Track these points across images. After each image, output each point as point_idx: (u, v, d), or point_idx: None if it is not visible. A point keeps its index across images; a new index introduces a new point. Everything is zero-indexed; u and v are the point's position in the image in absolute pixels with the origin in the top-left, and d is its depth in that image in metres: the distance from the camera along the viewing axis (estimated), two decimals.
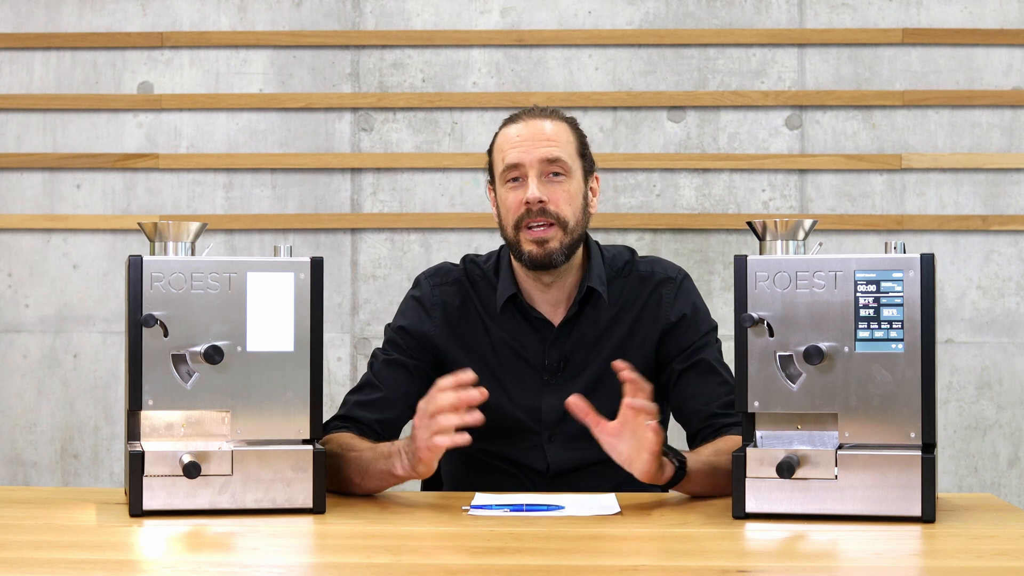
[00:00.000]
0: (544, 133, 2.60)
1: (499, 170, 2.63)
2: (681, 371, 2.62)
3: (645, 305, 2.66)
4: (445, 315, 2.67)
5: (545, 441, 2.65)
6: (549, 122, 2.62)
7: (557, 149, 2.59)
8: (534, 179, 2.57)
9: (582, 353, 2.65)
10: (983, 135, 3.95)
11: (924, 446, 2.21)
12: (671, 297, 2.66)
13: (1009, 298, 3.94)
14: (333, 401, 3.96)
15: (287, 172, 4.02)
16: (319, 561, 2.03)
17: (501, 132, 2.65)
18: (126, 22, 4.04)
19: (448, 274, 2.72)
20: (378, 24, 4.02)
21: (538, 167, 2.58)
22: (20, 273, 4.04)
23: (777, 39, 3.97)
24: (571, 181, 2.60)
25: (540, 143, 2.59)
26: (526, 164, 2.58)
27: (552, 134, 2.61)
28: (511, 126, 2.64)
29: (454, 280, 2.71)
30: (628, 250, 2.73)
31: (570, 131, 2.64)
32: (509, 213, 2.60)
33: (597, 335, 2.65)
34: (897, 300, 2.22)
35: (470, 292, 2.69)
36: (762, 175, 3.97)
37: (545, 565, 1.93)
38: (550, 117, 2.64)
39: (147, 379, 2.26)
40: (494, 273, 2.70)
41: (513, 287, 2.66)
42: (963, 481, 3.93)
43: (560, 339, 2.65)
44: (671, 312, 2.65)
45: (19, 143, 4.05)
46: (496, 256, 2.73)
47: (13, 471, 4.03)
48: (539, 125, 2.61)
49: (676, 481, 2.36)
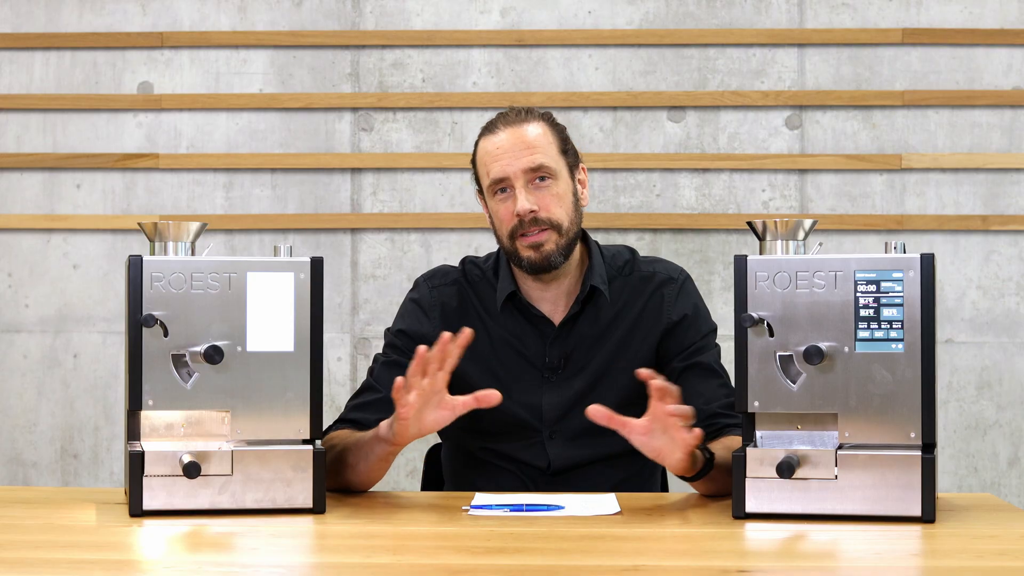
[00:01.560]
0: (525, 140, 2.59)
1: (485, 183, 2.63)
2: (681, 370, 2.63)
3: (647, 304, 2.67)
4: (444, 316, 2.68)
5: (546, 438, 2.66)
6: (526, 126, 2.61)
7: (539, 155, 2.59)
8: (521, 190, 2.58)
9: (583, 351, 2.66)
10: (983, 135, 3.95)
11: (924, 446, 2.21)
12: (673, 297, 2.67)
13: (1009, 298, 3.94)
14: (333, 401, 3.96)
15: (287, 172, 4.02)
16: (319, 561, 2.03)
17: (480, 144, 2.64)
18: (126, 22, 4.04)
19: (446, 276, 2.73)
20: (378, 24, 4.02)
21: (523, 177, 2.58)
22: (20, 273, 4.04)
23: (777, 39, 3.97)
24: (558, 183, 2.61)
25: (522, 152, 2.58)
26: (511, 176, 2.59)
27: (532, 140, 2.59)
28: (490, 137, 2.62)
29: (452, 281, 2.71)
30: (629, 250, 2.74)
31: (549, 131, 2.63)
32: (503, 224, 2.62)
33: (598, 333, 2.66)
34: (897, 300, 2.22)
35: (469, 292, 2.70)
36: (762, 175, 3.97)
37: (545, 565, 1.93)
38: (526, 120, 2.62)
39: (147, 379, 2.26)
40: (493, 273, 2.71)
41: (512, 285, 2.67)
42: (963, 481, 3.93)
43: (561, 337, 2.66)
44: (673, 312, 2.66)
45: (19, 143, 4.04)
46: (496, 256, 2.73)
47: (13, 471, 4.03)
48: (518, 133, 2.60)
49: (704, 473, 2.36)
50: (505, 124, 2.62)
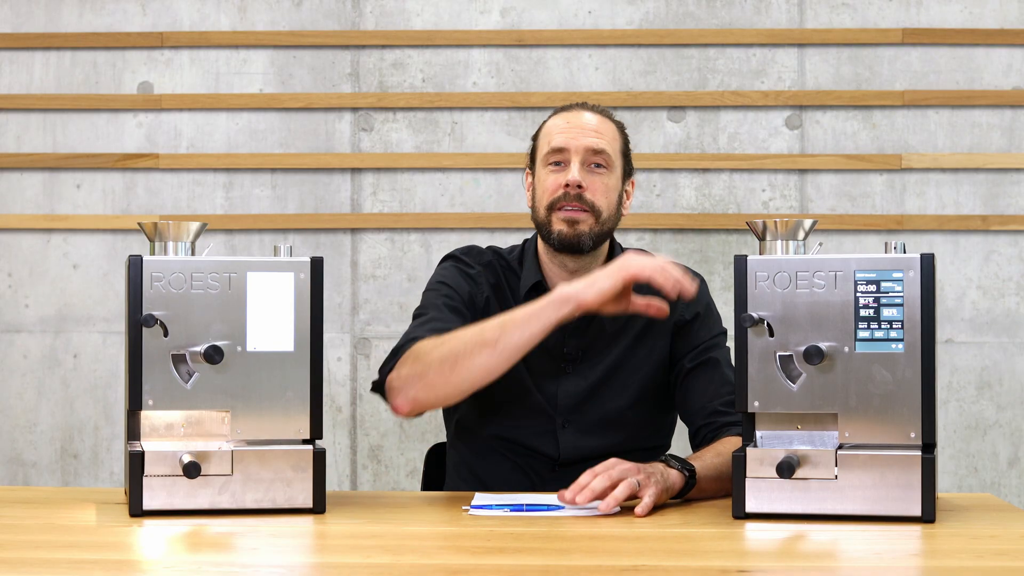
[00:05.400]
0: (593, 125, 2.67)
1: (543, 152, 2.69)
2: (690, 368, 2.67)
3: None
4: (482, 285, 2.71)
5: (559, 428, 2.68)
6: (600, 117, 2.70)
7: (603, 142, 2.66)
8: (576, 164, 2.64)
9: (601, 344, 2.70)
10: (983, 135, 3.95)
11: (924, 446, 2.21)
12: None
13: (1009, 298, 3.94)
14: (333, 401, 3.96)
15: (287, 172, 4.02)
16: (319, 561, 2.03)
17: (551, 119, 2.73)
18: (126, 22, 4.04)
19: (481, 255, 2.78)
20: (378, 24, 4.02)
21: (582, 154, 2.65)
22: (20, 273, 4.04)
23: (777, 39, 3.97)
24: (611, 175, 2.67)
25: (588, 132, 2.66)
26: (571, 149, 2.65)
27: (600, 127, 2.68)
28: (562, 114, 2.72)
29: (487, 262, 2.76)
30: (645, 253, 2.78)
31: (617, 131, 2.72)
32: (546, 194, 2.66)
33: (617, 328, 2.70)
34: (897, 300, 2.22)
35: (500, 274, 2.74)
36: (762, 175, 3.97)
37: (545, 565, 1.93)
38: (602, 114, 2.72)
39: (147, 379, 2.26)
40: (518, 263, 2.76)
41: (538, 275, 2.71)
42: (963, 481, 3.93)
43: (581, 328, 2.69)
44: (687, 310, 2.70)
45: (19, 143, 4.04)
46: (520, 248, 2.79)
47: (13, 471, 4.03)
48: (589, 117, 2.69)
49: (687, 490, 2.38)
50: (581, 108, 2.72)
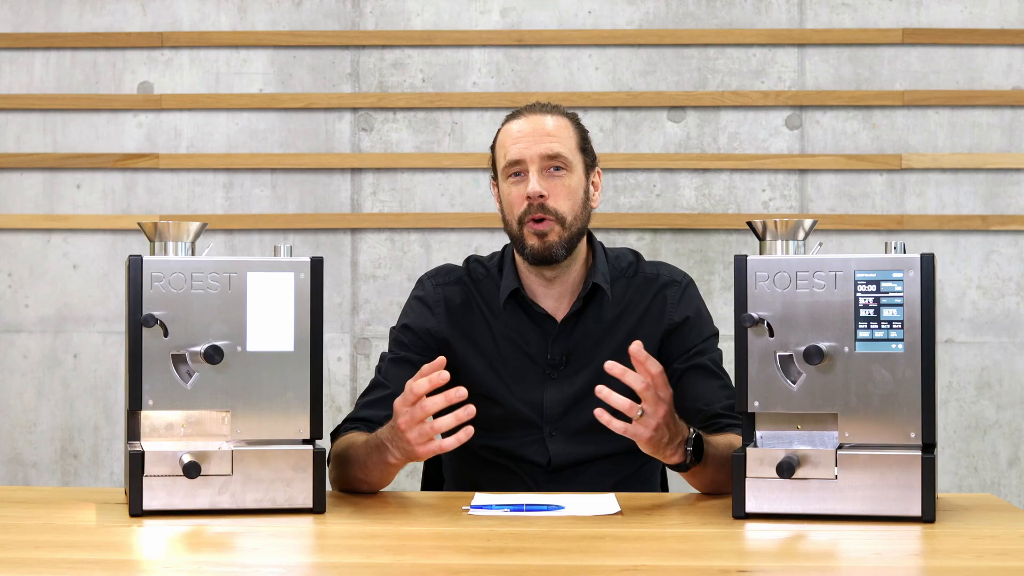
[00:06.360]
0: (545, 129, 2.64)
1: (501, 166, 2.66)
2: (682, 371, 2.64)
3: (650, 306, 2.69)
4: (448, 311, 2.70)
5: (547, 435, 2.66)
6: (550, 117, 2.66)
7: (557, 144, 2.62)
8: (535, 174, 2.61)
9: (585, 348, 2.67)
10: (983, 135, 3.95)
11: (924, 446, 2.21)
12: (676, 299, 2.69)
13: (1009, 298, 3.94)
14: (333, 401, 3.96)
15: (287, 172, 4.02)
16: (319, 561, 2.03)
17: (503, 128, 2.69)
18: (126, 22, 4.04)
19: (450, 274, 2.75)
20: (378, 24, 4.02)
21: (539, 162, 2.62)
22: (20, 273, 4.04)
23: (777, 39, 3.97)
24: (571, 176, 2.64)
25: (541, 138, 2.63)
26: (527, 160, 2.62)
27: (553, 129, 2.64)
28: (513, 122, 2.67)
29: (456, 279, 2.74)
30: (633, 252, 2.76)
31: (571, 126, 2.68)
32: (513, 208, 2.64)
33: (600, 332, 2.67)
34: (897, 300, 2.22)
35: (472, 290, 2.72)
36: (762, 175, 3.97)
37: (545, 565, 1.93)
38: (551, 113, 2.67)
39: (147, 379, 2.26)
40: (498, 271, 2.73)
41: (516, 282, 2.68)
42: (963, 481, 3.93)
43: (563, 334, 2.67)
44: (675, 313, 2.68)
45: (19, 143, 4.04)
46: (500, 254, 2.76)
47: (13, 471, 4.03)
48: (540, 121, 2.65)
49: (696, 461, 2.37)
50: (530, 112, 2.68)
